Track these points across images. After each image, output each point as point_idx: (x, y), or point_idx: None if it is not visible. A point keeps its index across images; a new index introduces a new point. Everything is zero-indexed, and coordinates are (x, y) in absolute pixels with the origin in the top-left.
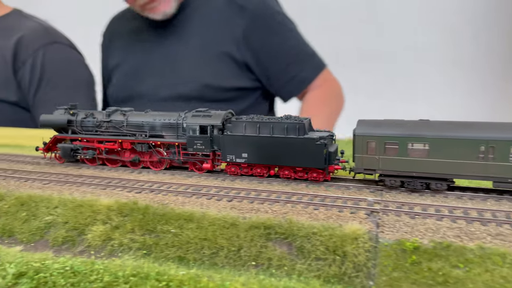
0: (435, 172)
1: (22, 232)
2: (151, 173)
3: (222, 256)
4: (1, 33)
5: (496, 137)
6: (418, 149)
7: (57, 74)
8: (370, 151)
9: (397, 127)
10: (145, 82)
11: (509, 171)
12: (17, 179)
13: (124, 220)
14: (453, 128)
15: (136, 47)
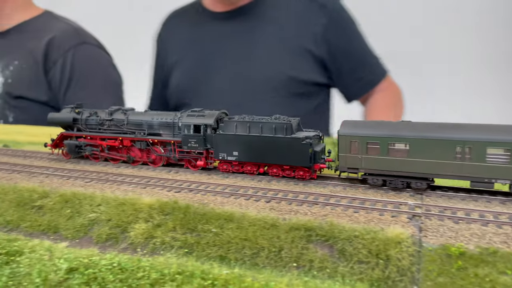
0: (415, 172)
1: (67, 228)
2: (188, 173)
3: (263, 257)
4: (32, 34)
5: (473, 138)
6: (398, 149)
7: (86, 74)
8: (353, 151)
9: (378, 127)
10: (217, 73)
11: (486, 171)
12: (60, 177)
13: (166, 219)
14: (432, 129)
15: (202, 40)
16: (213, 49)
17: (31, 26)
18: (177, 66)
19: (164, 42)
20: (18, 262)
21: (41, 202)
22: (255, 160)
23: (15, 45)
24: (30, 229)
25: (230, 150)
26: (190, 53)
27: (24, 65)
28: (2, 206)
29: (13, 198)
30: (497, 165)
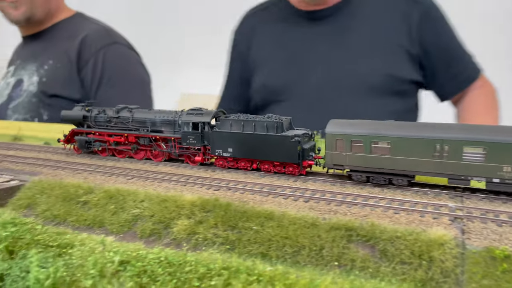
0: (396, 169)
1: (112, 223)
2: (225, 172)
3: (304, 255)
4: (66, 34)
5: (450, 137)
6: (381, 147)
7: (116, 73)
8: (339, 149)
9: (362, 126)
10: (309, 73)
11: (462, 168)
12: (103, 174)
13: (207, 216)
14: (413, 128)
15: (290, 38)
16: (303, 49)
17: (64, 26)
18: (262, 65)
19: (245, 39)
20: (70, 254)
21: (86, 197)
22: (248, 156)
23: (50, 45)
24: (76, 223)
25: (226, 147)
26: (277, 52)
27: (58, 65)
28: (49, 201)
29: (59, 194)
30: (473, 163)
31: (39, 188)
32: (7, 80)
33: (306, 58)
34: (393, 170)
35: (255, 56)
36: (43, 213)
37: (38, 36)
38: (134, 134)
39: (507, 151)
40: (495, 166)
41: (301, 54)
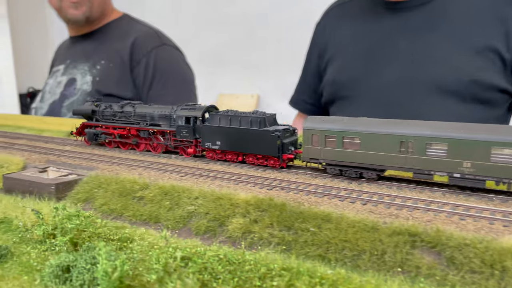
0: (366, 163)
1: (168, 219)
2: (276, 171)
3: (365, 259)
4: (117, 35)
5: (415, 133)
6: (352, 142)
7: (166, 73)
8: (314, 143)
9: (335, 123)
10: (382, 70)
11: (426, 163)
12: (156, 170)
13: (262, 215)
14: (381, 124)
15: (368, 31)
16: (379, 43)
17: (114, 28)
18: (335, 59)
19: (324, 32)
20: (131, 248)
21: (142, 193)
22: (234, 149)
23: (101, 45)
24: (133, 218)
25: (214, 140)
26: (353, 45)
27: (111, 64)
28: (106, 195)
29: (115, 188)
30: (436, 159)
31: (96, 182)
32: (57, 79)
33: (381, 53)
34: (363, 164)
35: (331, 50)
36: (100, 207)
37: (88, 36)
38: (135, 127)
39: (467, 148)
40: (456, 161)
41: (376, 48)
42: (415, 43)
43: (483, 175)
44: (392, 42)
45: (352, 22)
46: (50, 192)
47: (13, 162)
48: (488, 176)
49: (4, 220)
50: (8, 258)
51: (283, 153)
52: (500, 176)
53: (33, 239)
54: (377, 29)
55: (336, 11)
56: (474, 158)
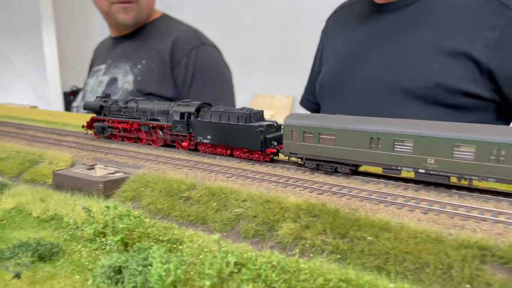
0: (340, 158)
1: (215, 221)
2: (324, 175)
3: (429, 273)
4: (157, 35)
5: (384, 130)
6: (327, 138)
7: (206, 73)
8: (294, 139)
9: (313, 119)
10: (359, 73)
11: (394, 159)
12: (202, 170)
13: (314, 221)
14: (354, 121)
15: (356, 33)
16: (362, 45)
17: (154, 28)
18: (326, 62)
19: (325, 36)
20: (180, 250)
21: (189, 193)
22: (223, 143)
23: (141, 45)
24: (180, 219)
25: (205, 134)
26: (341, 47)
27: (152, 64)
28: (153, 195)
29: (162, 188)
30: (403, 155)
31: (143, 181)
32: (98, 78)
33: (359, 55)
34: (337, 159)
35: (325, 53)
36: (147, 206)
37: (129, 36)
38: (137, 122)
39: (430, 144)
40: (421, 157)
41: (357, 50)
42: (389, 45)
43: (446, 171)
44: (370, 44)
45: (344, 26)
46: (98, 189)
47: (62, 159)
48: (450, 172)
49: (54, 216)
50: (60, 256)
51: (267, 147)
52: (461, 173)
53: (84, 237)
54: (363, 31)
55: (335, 16)
56: (437, 155)
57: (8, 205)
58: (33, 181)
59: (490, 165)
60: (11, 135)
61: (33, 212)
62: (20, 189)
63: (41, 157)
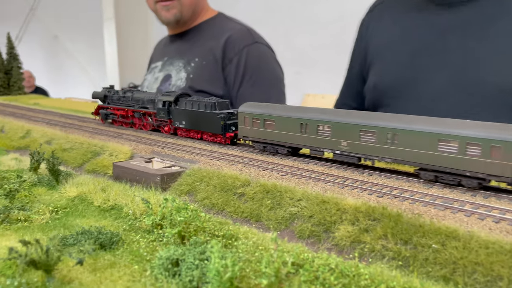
0: (279, 141)
1: (269, 219)
2: (383, 177)
3: (502, 287)
4: (211, 34)
5: (310, 117)
6: (270, 124)
7: (256, 72)
8: (246, 124)
9: (260, 108)
10: (431, 73)
11: (318, 142)
12: (256, 167)
13: (373, 225)
14: (289, 110)
15: (415, 30)
16: (428, 43)
17: (208, 26)
18: (377, 61)
19: (367, 32)
20: (236, 247)
21: (243, 189)
22: (194, 128)
23: (195, 43)
24: (234, 215)
25: (181, 120)
26: (395, 46)
27: (204, 62)
28: (208, 189)
29: (217, 183)
30: (324, 138)
31: (198, 176)
32: (154, 75)
33: (430, 56)
34: (277, 141)
35: (372, 51)
36: (202, 200)
37: (184, 35)
38: (131, 109)
39: (343, 130)
40: (337, 141)
41: (425, 51)
42: (469, 44)
43: (355, 152)
44: (441, 43)
45: (395, 20)
46: (155, 182)
47: (121, 151)
48: (359, 153)
49: (114, 206)
50: (119, 245)
51: (226, 131)
52: (366, 154)
53: (142, 228)
54: (424, 26)
55: (379, 8)
56: (349, 138)
57: (72, 193)
58: (94, 172)
59: (386, 147)
60: (74, 127)
61: (94, 201)
62: (83, 179)
63: (102, 149)
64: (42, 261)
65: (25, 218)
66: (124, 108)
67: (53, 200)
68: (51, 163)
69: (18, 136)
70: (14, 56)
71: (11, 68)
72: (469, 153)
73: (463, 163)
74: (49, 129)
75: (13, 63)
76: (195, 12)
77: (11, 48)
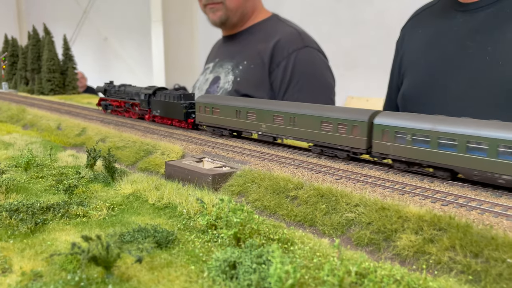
0: (223, 125)
1: (324, 224)
2: (446, 184)
3: None
4: (261, 36)
5: (241, 105)
6: (216, 111)
7: (304, 77)
8: (201, 111)
9: (209, 98)
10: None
11: (247, 125)
12: (309, 170)
13: (439, 235)
14: (230, 100)
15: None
16: (448, 48)
17: (260, 29)
18: (406, 71)
19: (402, 45)
20: (292, 252)
21: (296, 192)
22: (166, 116)
23: (245, 46)
24: (286, 218)
25: (157, 109)
26: (424, 55)
27: (252, 65)
28: (260, 191)
29: (269, 185)
30: (251, 122)
31: (249, 177)
32: (206, 76)
33: (450, 60)
34: (221, 125)
35: (405, 63)
36: (253, 202)
37: (235, 36)
38: (123, 101)
39: (263, 115)
40: (259, 123)
41: (444, 55)
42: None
43: (271, 133)
44: (461, 48)
45: (424, 31)
46: (206, 182)
47: (173, 150)
48: (273, 133)
49: (168, 205)
50: (175, 244)
51: (188, 118)
52: (278, 134)
53: (196, 228)
54: (448, 35)
55: (412, 22)
56: (266, 122)
57: (127, 190)
58: (147, 170)
59: (290, 128)
60: (127, 125)
61: (149, 199)
62: (137, 177)
63: (155, 148)
64: (102, 257)
65: (83, 213)
66: (118, 100)
67: (109, 196)
68: (107, 161)
69: (74, 134)
70: (69, 57)
71: (66, 68)
72: (339, 131)
73: (336, 139)
74: (103, 127)
75: (68, 63)
76: (244, 15)
77: (66, 49)
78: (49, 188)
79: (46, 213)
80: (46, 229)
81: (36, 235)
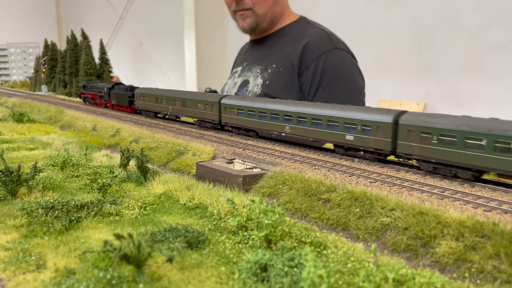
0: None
1: (358, 228)
2: (488, 189)
3: None
4: (290, 39)
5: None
6: (145, 99)
7: (333, 79)
8: (139, 100)
9: (144, 90)
10: None
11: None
12: (341, 172)
13: (482, 242)
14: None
15: None
16: None
17: (288, 32)
18: None
19: None
20: (325, 256)
21: (328, 195)
22: (119, 104)
23: (274, 49)
24: (318, 221)
25: (113, 99)
26: None
27: (281, 69)
28: (291, 193)
29: (300, 187)
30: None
31: (280, 179)
32: (234, 80)
33: None
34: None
35: None
36: (284, 204)
37: (263, 40)
38: (94, 94)
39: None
40: (167, 107)
41: None
42: None
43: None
44: None
45: None
46: (237, 183)
47: (204, 151)
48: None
49: (199, 205)
50: (205, 245)
51: (132, 104)
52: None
53: (226, 229)
54: None
55: None
56: (173, 105)
57: (159, 190)
58: (178, 170)
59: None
60: (159, 127)
61: (180, 199)
62: (168, 177)
63: (186, 149)
64: (133, 256)
65: (116, 212)
66: (91, 93)
67: (141, 196)
68: (140, 161)
69: (109, 135)
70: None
71: (102, 72)
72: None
73: (206, 115)
74: (136, 128)
75: (104, 67)
76: (272, 19)
77: (103, 53)
78: (84, 187)
79: (80, 211)
80: (80, 227)
81: (70, 232)
